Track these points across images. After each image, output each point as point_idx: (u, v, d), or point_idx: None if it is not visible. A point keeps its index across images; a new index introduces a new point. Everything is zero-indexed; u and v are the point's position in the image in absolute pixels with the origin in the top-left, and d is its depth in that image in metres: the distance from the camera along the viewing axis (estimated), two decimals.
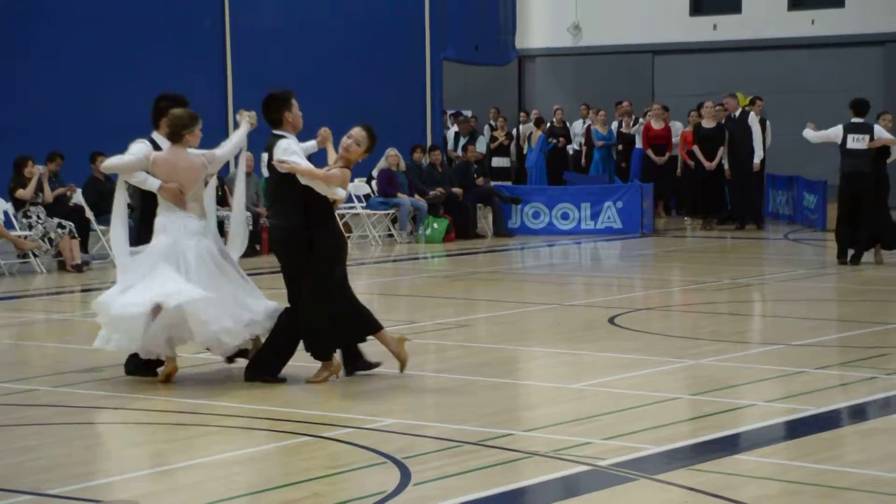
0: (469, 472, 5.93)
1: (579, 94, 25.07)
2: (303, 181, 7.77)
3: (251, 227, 16.53)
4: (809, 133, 15.14)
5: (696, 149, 19.49)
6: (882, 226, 14.52)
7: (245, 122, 8.16)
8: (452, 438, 6.62)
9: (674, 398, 7.58)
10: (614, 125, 22.87)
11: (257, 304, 8.10)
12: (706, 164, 19.41)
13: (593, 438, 6.54)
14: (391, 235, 18.60)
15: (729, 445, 6.47)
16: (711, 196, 19.60)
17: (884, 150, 14.60)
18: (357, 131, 7.96)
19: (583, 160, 22.83)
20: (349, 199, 18.77)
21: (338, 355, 8.07)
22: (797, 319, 10.85)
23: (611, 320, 10.60)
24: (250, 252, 16.34)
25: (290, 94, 7.94)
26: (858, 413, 7.16)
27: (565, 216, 19.12)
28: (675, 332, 10.28)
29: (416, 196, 18.32)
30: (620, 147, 22.22)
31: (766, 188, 20.38)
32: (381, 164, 18.57)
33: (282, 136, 7.88)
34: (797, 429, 6.80)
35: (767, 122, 19.69)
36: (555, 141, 22.86)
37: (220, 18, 20.11)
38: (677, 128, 21.29)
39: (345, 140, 7.94)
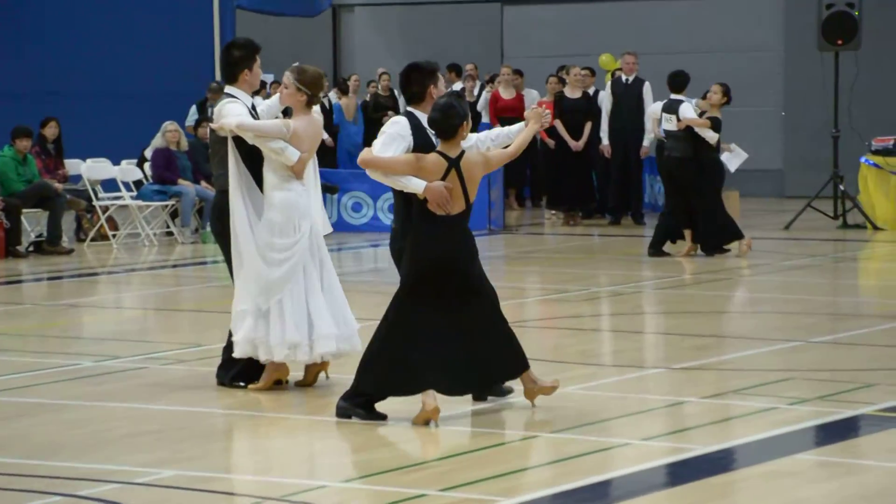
0: None
1: (410, 55, 25.19)
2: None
3: None
4: (650, 109, 15.82)
5: (557, 124, 19.80)
6: (699, 221, 15.32)
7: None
8: (250, 493, 6.58)
9: (530, 437, 7.68)
10: None
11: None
12: (571, 143, 19.74)
13: (429, 489, 6.58)
14: (170, 233, 18.37)
15: (598, 494, 6.59)
16: (576, 183, 19.93)
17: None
18: None
19: None
20: (114, 188, 18.48)
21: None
22: (680, 336, 11.13)
23: None
24: None
25: (436, 67, 8.57)
26: (755, 452, 7.37)
27: (393, 209, 19.17)
28: (532, 354, 10.38)
29: (203, 183, 18.13)
30: None
31: (643, 174, 20.84)
32: (157, 142, 18.32)
33: (407, 114, 8.33)
34: (680, 473, 6.97)
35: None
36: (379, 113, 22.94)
37: None
38: (533, 97, 21.59)
39: None
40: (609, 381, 9.13)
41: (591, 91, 20.23)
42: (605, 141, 19.60)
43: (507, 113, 21.30)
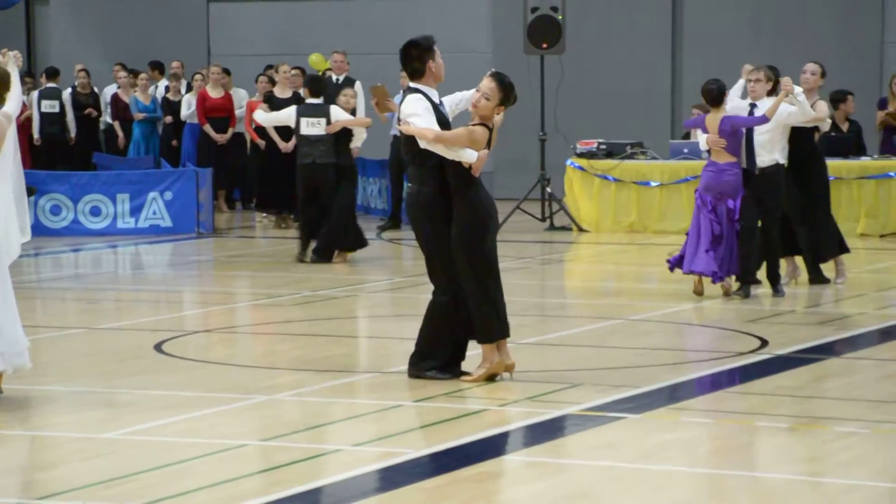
0: None
1: (112, 51, 24.71)
2: (421, 145, 8.81)
3: None
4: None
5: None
6: (339, 227, 15.66)
7: (12, 62, 8.66)
8: None
9: (239, 445, 7.66)
10: (159, 92, 22.73)
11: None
12: (280, 144, 19.71)
13: (132, 503, 6.49)
14: None
15: (310, 502, 6.63)
16: (287, 185, 19.88)
17: (345, 134, 15.74)
18: (485, 83, 8.91)
19: (119, 138, 22.54)
20: None
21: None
22: (394, 340, 11.24)
23: (157, 347, 10.58)
24: None
25: (432, 41, 9.02)
26: (466, 455, 7.51)
27: (96, 211, 18.84)
28: (242, 361, 10.37)
29: None
30: (170, 119, 22.16)
31: None
32: None
33: (415, 91, 8.88)
34: (393, 478, 7.06)
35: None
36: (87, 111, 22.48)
37: None
38: (241, 97, 21.49)
39: (473, 95, 8.99)
40: (321, 386, 9.17)
41: (301, 91, 20.24)
42: None
43: (216, 112, 21.15)
